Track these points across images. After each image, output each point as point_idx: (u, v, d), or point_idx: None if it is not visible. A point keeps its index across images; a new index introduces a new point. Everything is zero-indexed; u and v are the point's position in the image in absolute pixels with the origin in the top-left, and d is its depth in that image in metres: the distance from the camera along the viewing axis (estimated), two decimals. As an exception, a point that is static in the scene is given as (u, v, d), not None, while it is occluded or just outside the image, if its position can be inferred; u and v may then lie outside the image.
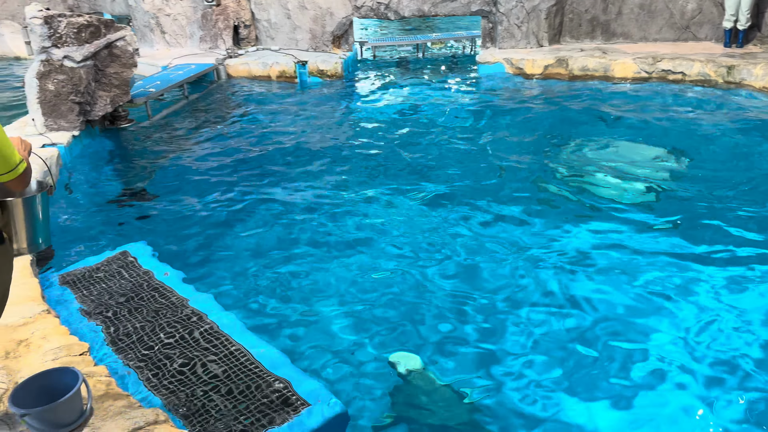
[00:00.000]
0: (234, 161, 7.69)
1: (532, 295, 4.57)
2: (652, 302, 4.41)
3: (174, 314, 4.11)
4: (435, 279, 4.82)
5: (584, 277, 4.77)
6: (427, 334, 4.17)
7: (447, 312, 4.41)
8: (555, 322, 4.25)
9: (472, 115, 9.35)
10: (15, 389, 2.78)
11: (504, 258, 5.08)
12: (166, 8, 13.72)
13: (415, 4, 12.31)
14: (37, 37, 7.32)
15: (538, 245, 5.28)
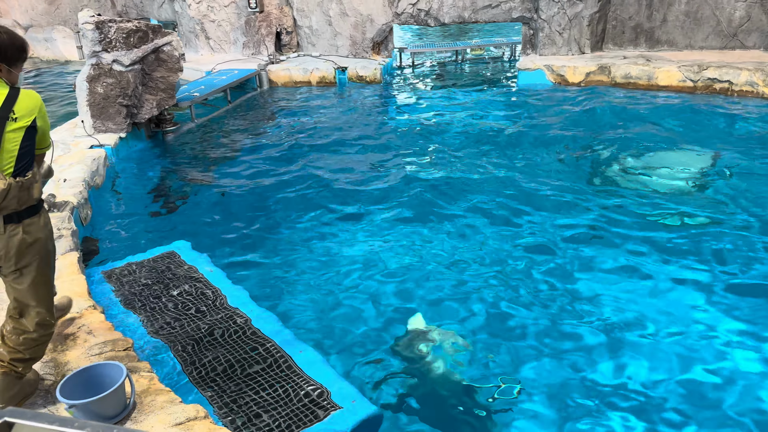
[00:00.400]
0: (274, 165, 7.81)
1: (556, 300, 4.51)
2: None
3: (215, 312, 4.20)
4: (480, 291, 4.80)
5: (608, 290, 4.69)
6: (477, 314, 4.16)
7: (500, 324, 4.39)
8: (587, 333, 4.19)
9: (511, 122, 9.29)
10: (63, 381, 2.88)
11: (535, 266, 5.03)
12: (210, 15, 14.03)
13: (455, 11, 12.30)
14: (89, 42, 7.58)
15: (576, 260, 5.21)
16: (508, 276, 4.92)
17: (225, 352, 3.78)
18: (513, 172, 7.18)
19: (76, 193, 5.64)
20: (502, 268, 5.05)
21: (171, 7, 15.24)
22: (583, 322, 4.30)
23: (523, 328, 4.28)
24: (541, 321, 4.34)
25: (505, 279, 4.88)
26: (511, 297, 4.63)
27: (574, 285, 4.76)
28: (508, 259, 5.21)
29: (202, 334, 3.96)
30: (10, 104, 2.75)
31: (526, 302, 4.55)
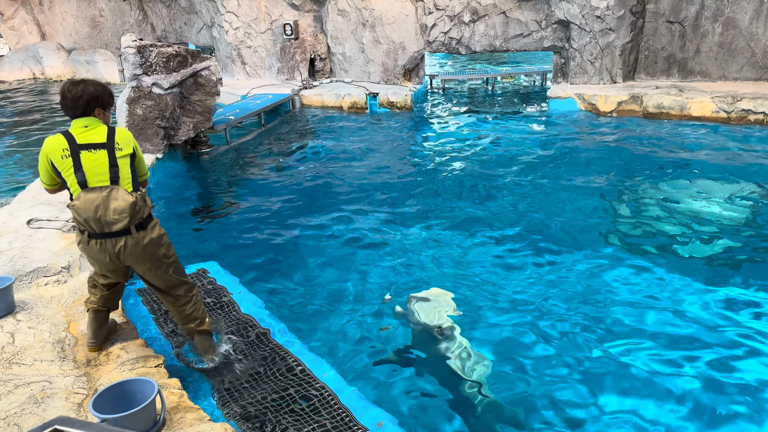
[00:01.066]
0: (305, 188, 7.93)
1: (584, 334, 4.47)
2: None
3: (244, 332, 4.27)
4: (502, 313, 4.79)
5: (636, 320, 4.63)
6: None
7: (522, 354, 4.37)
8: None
9: (541, 150, 9.29)
10: (96, 396, 2.96)
11: (567, 298, 5.00)
12: (247, 41, 14.41)
13: (486, 40, 12.43)
14: (130, 65, 7.86)
15: (601, 286, 5.16)
16: (537, 303, 4.90)
17: (254, 371, 3.83)
18: (543, 200, 7.16)
19: (114, 212, 5.80)
20: (529, 294, 5.03)
21: (209, 33, 15.70)
22: (611, 352, 4.25)
23: (548, 356, 4.24)
24: (567, 352, 4.30)
25: (532, 306, 4.85)
26: (537, 326, 4.60)
27: (600, 314, 4.71)
28: (536, 284, 5.18)
29: (232, 354, 4.03)
30: (112, 138, 3.42)
31: (551, 333, 4.52)
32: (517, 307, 4.88)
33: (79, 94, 3.41)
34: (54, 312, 4.08)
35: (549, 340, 4.43)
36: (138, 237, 3.41)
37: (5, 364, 3.44)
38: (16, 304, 4.09)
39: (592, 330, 4.53)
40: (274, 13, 14.01)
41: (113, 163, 3.37)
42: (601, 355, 4.24)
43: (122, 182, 3.39)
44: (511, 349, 4.35)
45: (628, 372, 4.05)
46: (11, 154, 11.41)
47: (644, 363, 4.14)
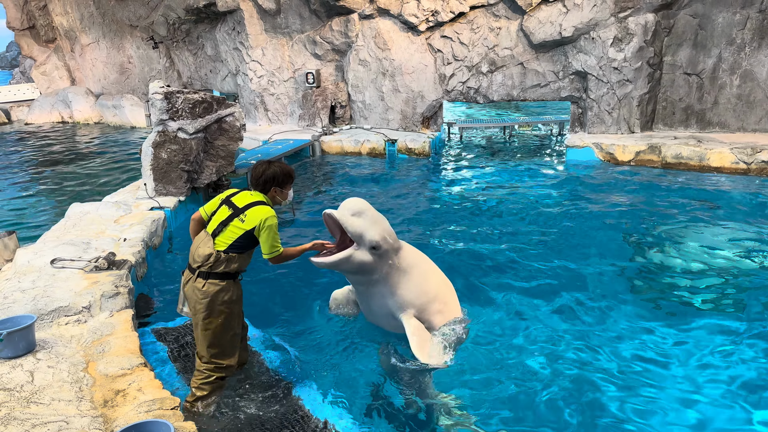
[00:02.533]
0: (323, 232, 7.97)
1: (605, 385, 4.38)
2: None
3: (259, 379, 4.25)
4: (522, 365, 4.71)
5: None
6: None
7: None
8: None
9: (558, 198, 9.30)
10: (112, 437, 2.95)
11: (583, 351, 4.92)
12: (270, 88, 14.80)
13: (504, 89, 12.63)
14: (157, 110, 8.09)
15: (621, 339, 5.08)
16: (548, 356, 4.82)
17: (269, 422, 3.80)
18: (560, 249, 7.11)
19: (135, 253, 5.89)
20: (540, 346, 4.95)
21: (234, 80, 16.15)
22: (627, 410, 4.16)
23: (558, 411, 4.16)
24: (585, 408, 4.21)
25: (545, 359, 4.77)
26: (551, 379, 4.50)
27: (618, 369, 4.61)
28: (547, 337, 5.10)
29: (246, 401, 4.00)
30: (246, 209, 3.86)
31: (565, 389, 4.42)
32: (526, 356, 4.81)
33: (260, 173, 3.98)
34: (73, 351, 4.11)
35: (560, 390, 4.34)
36: (196, 281, 3.85)
37: (24, 402, 3.45)
38: (37, 342, 4.13)
39: (610, 381, 4.44)
40: (297, 62, 14.41)
41: (225, 223, 3.86)
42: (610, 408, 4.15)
43: (220, 239, 3.85)
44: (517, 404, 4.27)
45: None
46: (38, 194, 11.68)
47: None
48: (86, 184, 12.19)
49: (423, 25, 12.87)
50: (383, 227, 4.48)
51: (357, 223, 4.33)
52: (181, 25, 17.10)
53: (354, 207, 4.40)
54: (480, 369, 4.58)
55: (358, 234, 4.32)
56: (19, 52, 27.32)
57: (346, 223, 4.31)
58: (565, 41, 11.75)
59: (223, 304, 3.89)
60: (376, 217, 4.49)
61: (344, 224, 4.31)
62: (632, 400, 4.22)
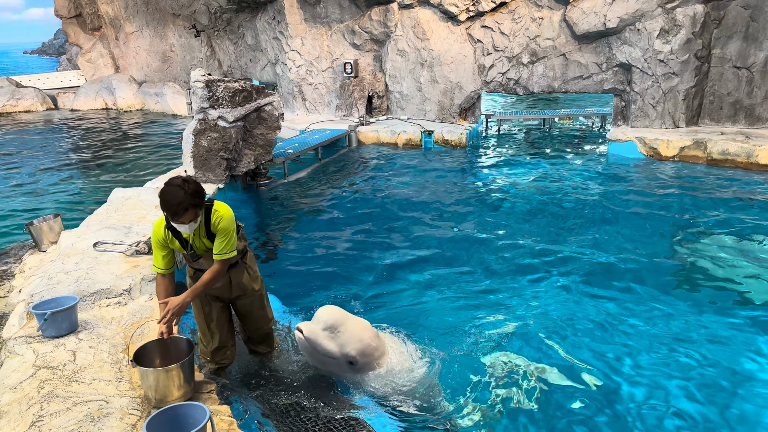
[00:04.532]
0: (360, 221, 8.01)
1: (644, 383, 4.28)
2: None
3: (298, 367, 4.28)
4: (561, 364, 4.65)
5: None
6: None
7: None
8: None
9: (598, 194, 9.11)
10: (149, 419, 3.01)
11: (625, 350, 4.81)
12: (309, 78, 14.86)
13: (545, 81, 12.41)
14: (198, 99, 8.20)
15: (663, 336, 4.96)
16: (592, 350, 4.74)
17: (307, 410, 3.82)
18: (598, 245, 6.97)
19: (175, 238, 5.99)
20: (580, 341, 4.87)
21: (273, 69, 16.26)
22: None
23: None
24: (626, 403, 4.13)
25: (586, 355, 4.69)
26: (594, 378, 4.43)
27: (661, 372, 4.50)
28: (586, 334, 5.01)
29: (283, 387, 4.04)
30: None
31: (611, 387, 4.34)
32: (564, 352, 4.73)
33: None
34: (113, 333, 4.21)
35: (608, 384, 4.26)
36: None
37: (66, 381, 3.55)
38: (79, 323, 4.24)
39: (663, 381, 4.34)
40: (336, 52, 14.42)
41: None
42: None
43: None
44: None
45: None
46: (82, 179, 12.00)
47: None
48: (128, 169, 12.47)
49: (463, 14, 12.72)
50: (361, 340, 3.98)
51: (329, 342, 3.93)
52: (223, 14, 17.27)
53: (327, 320, 3.95)
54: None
55: (331, 355, 3.95)
56: (66, 39, 28.02)
57: (317, 342, 3.92)
58: (610, 32, 11.46)
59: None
60: (353, 328, 4.00)
61: (314, 344, 3.93)
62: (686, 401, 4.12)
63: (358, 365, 4.01)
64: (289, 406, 3.83)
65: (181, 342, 3.52)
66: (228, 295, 4.04)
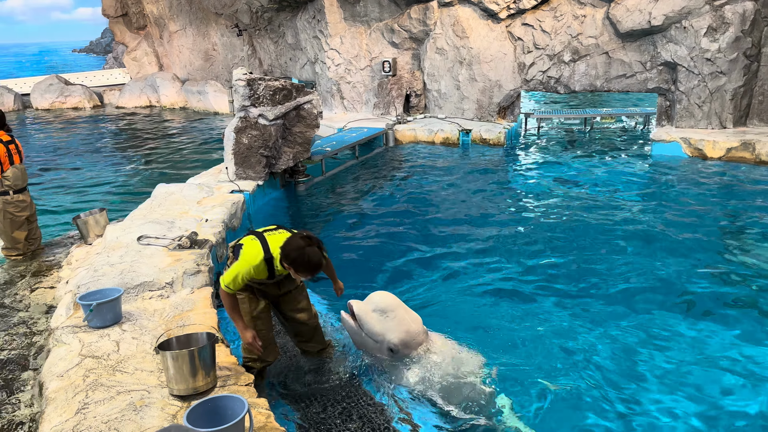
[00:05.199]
0: (395, 220, 8.02)
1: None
2: None
3: (332, 361, 4.32)
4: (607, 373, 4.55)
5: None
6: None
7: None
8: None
9: (641, 195, 8.91)
10: (189, 409, 3.07)
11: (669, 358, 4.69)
12: (347, 76, 14.93)
13: (587, 79, 12.20)
14: (239, 97, 8.33)
15: (709, 347, 4.81)
16: (630, 362, 4.63)
17: (340, 403, 3.85)
18: (639, 251, 6.75)
19: (216, 233, 6.11)
20: (617, 352, 4.75)
21: (312, 68, 16.41)
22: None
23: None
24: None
25: (625, 367, 4.58)
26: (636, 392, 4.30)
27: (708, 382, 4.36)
28: (628, 340, 4.90)
29: (320, 382, 4.08)
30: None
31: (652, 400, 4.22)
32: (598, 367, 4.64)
33: (288, 244, 3.64)
34: (156, 325, 4.31)
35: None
36: None
37: (110, 370, 3.66)
38: (123, 314, 4.36)
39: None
40: (375, 51, 14.46)
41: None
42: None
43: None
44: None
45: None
46: (127, 174, 12.33)
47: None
48: (171, 166, 12.76)
49: (504, 12, 12.60)
50: (407, 330, 4.01)
51: (376, 323, 4.00)
52: (264, 13, 17.50)
53: (379, 303, 4.03)
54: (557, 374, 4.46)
55: (374, 335, 4.01)
56: (112, 38, 28.78)
57: (365, 320, 4.00)
58: (655, 30, 11.19)
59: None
60: (403, 317, 4.04)
61: (361, 322, 4.01)
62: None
63: (399, 354, 4.01)
64: (326, 403, 3.86)
65: (203, 335, 3.57)
66: (276, 292, 4.06)
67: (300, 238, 3.61)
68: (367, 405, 3.83)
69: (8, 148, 6.33)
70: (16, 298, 5.58)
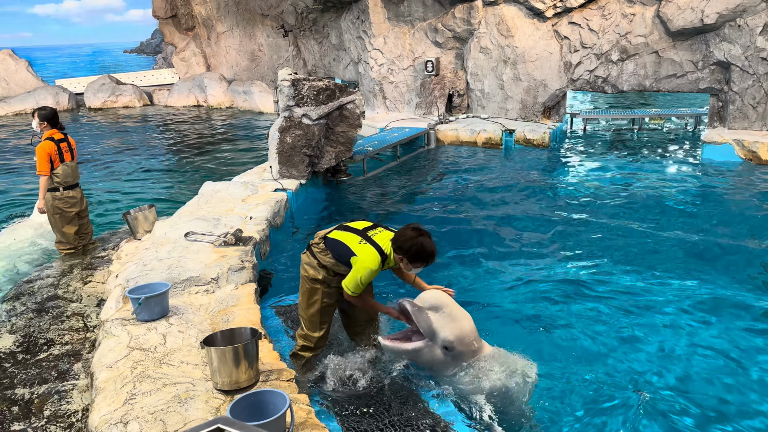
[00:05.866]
0: (435, 220, 7.98)
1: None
2: None
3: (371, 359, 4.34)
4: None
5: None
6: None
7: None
8: None
9: (691, 199, 8.64)
10: (233, 403, 3.14)
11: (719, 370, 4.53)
12: (390, 76, 14.96)
13: (635, 79, 11.92)
14: (284, 97, 8.44)
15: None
16: (674, 368, 4.51)
17: (377, 402, 3.87)
18: (688, 259, 6.50)
19: (260, 231, 6.22)
20: (661, 362, 4.62)
21: (355, 68, 16.50)
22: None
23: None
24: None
25: (668, 372, 4.46)
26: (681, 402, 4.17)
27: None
28: (673, 352, 4.75)
29: (360, 380, 4.10)
30: (368, 239, 3.93)
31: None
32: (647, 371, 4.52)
33: (402, 234, 3.81)
34: (201, 319, 4.42)
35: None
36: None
37: (156, 363, 3.76)
38: (170, 308, 4.48)
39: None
40: (418, 51, 14.45)
41: (352, 230, 4.09)
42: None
43: (336, 232, 4.13)
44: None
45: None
46: (175, 172, 12.64)
47: None
48: (218, 164, 13.02)
49: (550, 11, 12.42)
50: (462, 327, 3.95)
51: (430, 319, 3.92)
52: (309, 14, 17.69)
53: (431, 300, 3.97)
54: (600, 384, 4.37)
55: (429, 332, 3.92)
56: (162, 39, 29.54)
57: (418, 317, 3.93)
58: (707, 29, 10.85)
59: (307, 278, 4.11)
60: (456, 314, 3.98)
61: (415, 318, 3.93)
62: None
63: (454, 352, 3.94)
64: (369, 401, 3.87)
65: (246, 331, 3.63)
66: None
67: (411, 229, 3.77)
68: (411, 406, 3.83)
69: (59, 146, 6.56)
70: (69, 290, 5.79)
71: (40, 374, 4.31)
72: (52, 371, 4.36)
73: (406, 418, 3.68)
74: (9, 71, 23.57)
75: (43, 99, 21.83)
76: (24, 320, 5.15)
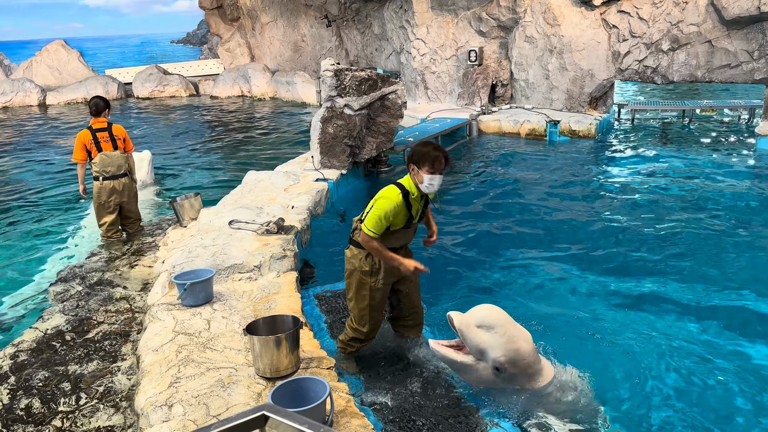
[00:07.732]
0: (476, 213, 7.91)
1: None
2: None
3: (411, 351, 4.34)
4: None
5: None
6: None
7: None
8: None
9: (743, 194, 8.31)
10: (274, 389, 3.18)
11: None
12: (432, 66, 14.85)
13: (687, 69, 11.53)
14: (327, 87, 8.47)
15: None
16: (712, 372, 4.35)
17: (416, 391, 3.87)
18: (738, 258, 6.21)
19: (301, 220, 6.27)
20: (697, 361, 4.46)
21: (397, 58, 16.44)
22: None
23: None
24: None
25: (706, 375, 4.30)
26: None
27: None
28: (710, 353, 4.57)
29: (397, 370, 4.11)
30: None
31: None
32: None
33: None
34: (244, 305, 4.49)
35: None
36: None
37: (200, 347, 3.84)
38: (214, 295, 4.56)
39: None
40: (461, 40, 14.29)
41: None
42: None
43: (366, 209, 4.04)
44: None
45: None
46: (220, 160, 12.86)
47: None
48: (261, 153, 13.18)
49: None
50: (517, 348, 3.62)
51: (480, 337, 3.63)
52: (352, 4, 17.69)
53: (483, 317, 3.66)
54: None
55: (477, 351, 3.66)
56: (207, 30, 30.06)
57: (467, 335, 3.65)
58: (764, 17, 10.39)
59: (355, 271, 4.06)
60: (512, 333, 3.64)
61: (463, 336, 3.67)
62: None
63: (505, 374, 3.67)
64: (409, 397, 3.87)
65: (288, 319, 3.67)
66: (399, 274, 4.08)
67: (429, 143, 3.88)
68: (451, 407, 3.82)
69: (95, 135, 6.67)
70: (117, 274, 5.97)
71: (88, 354, 4.46)
72: (99, 352, 4.51)
73: (445, 417, 3.66)
74: (62, 61, 24.36)
75: (93, 89, 22.48)
76: (73, 302, 5.33)
